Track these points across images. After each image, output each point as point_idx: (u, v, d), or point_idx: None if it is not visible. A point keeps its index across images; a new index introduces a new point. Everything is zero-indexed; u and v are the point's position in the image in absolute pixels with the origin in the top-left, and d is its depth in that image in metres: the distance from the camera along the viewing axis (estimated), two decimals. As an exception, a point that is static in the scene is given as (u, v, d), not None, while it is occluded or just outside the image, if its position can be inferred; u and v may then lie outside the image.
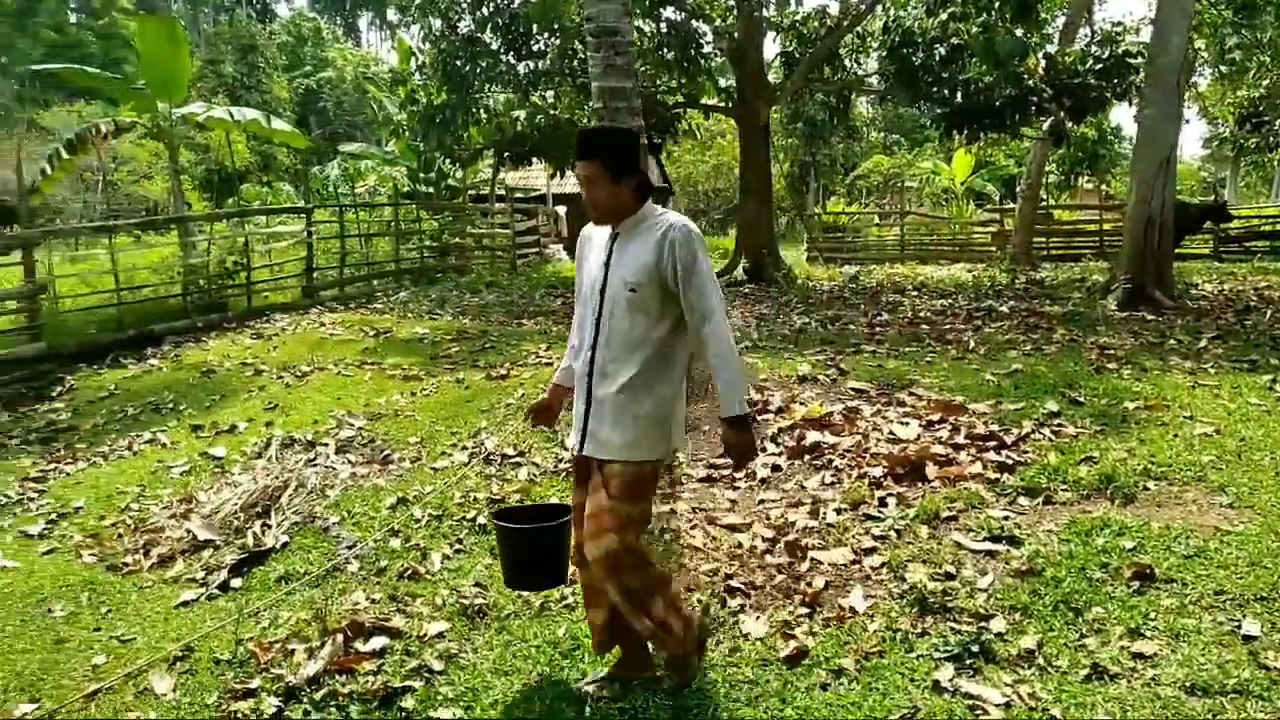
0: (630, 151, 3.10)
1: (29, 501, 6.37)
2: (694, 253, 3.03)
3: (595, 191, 3.08)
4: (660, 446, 3.18)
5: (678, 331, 3.13)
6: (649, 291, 3.05)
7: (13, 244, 10.43)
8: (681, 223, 3.08)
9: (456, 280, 15.70)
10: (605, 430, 3.14)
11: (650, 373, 3.11)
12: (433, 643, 3.93)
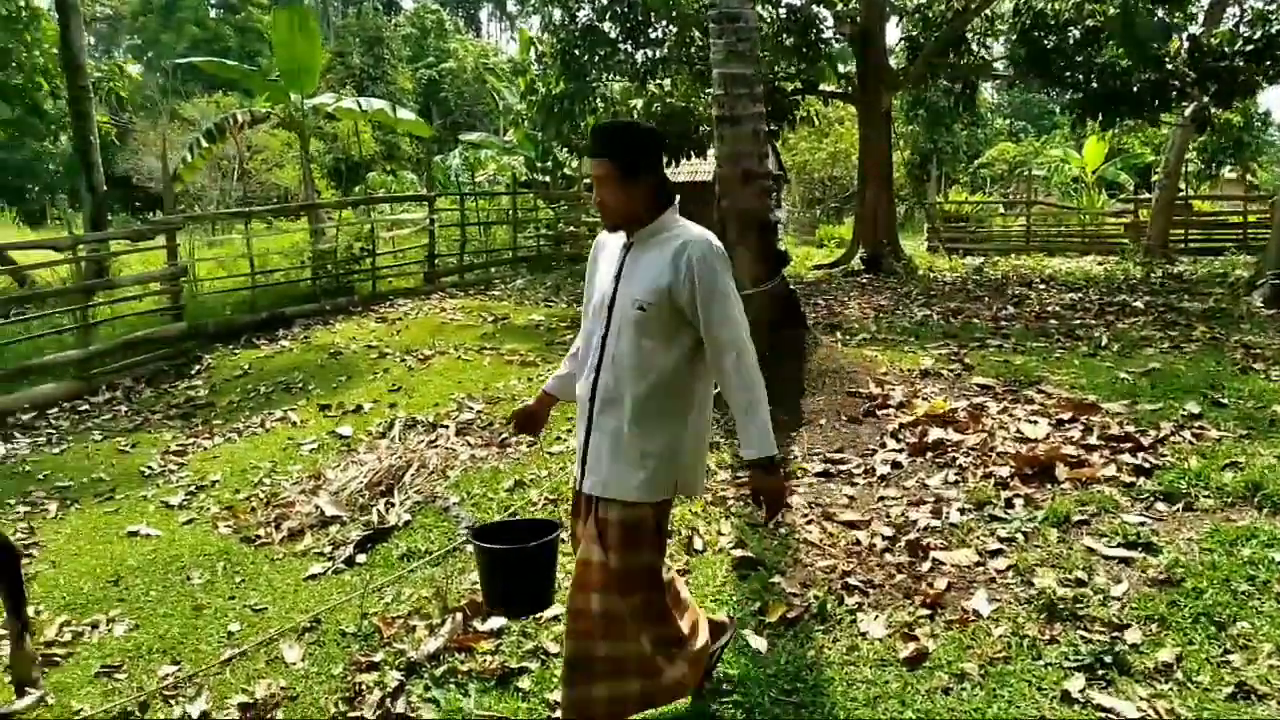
0: (646, 150, 2.76)
1: (170, 473, 6.73)
2: (715, 273, 2.67)
3: (603, 191, 2.75)
4: (666, 487, 2.81)
5: (694, 360, 2.77)
6: (660, 313, 2.70)
7: (157, 229, 11.01)
8: (703, 237, 2.72)
9: (571, 268, 15.87)
10: (605, 465, 2.79)
11: (659, 404, 2.75)
12: (548, 625, 3.97)
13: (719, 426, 6.05)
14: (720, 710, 3.32)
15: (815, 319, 9.35)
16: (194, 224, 13.37)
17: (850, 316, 10.81)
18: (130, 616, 4.45)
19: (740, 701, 3.34)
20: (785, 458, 5.59)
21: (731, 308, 2.70)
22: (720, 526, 4.74)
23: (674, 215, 2.81)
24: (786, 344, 6.52)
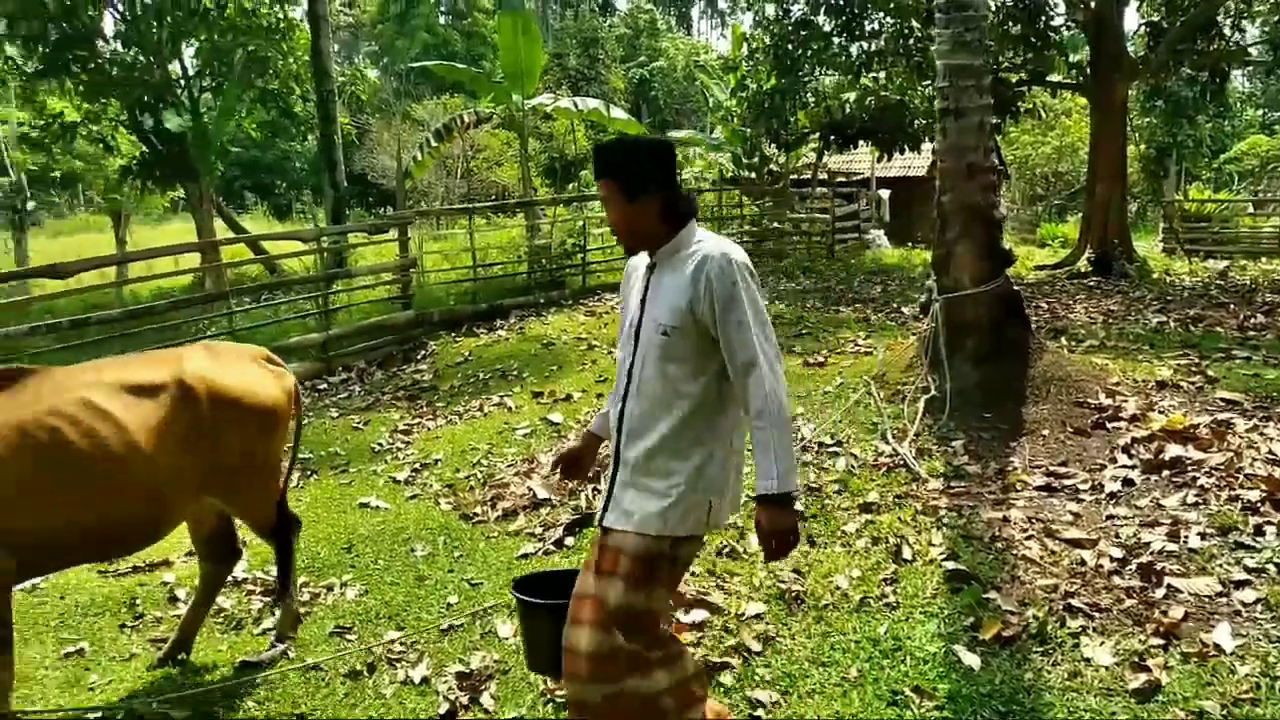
0: (648, 168, 2.58)
1: (397, 451, 7.21)
2: (733, 286, 2.47)
3: (610, 213, 2.63)
4: (689, 521, 2.59)
5: (725, 386, 2.58)
6: (684, 335, 2.53)
7: (391, 223, 11.81)
8: (720, 251, 2.51)
9: (773, 265, 15.75)
10: (629, 497, 2.61)
11: (687, 433, 2.57)
12: (750, 623, 3.97)
13: (930, 433, 5.85)
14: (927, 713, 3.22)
15: (1038, 323, 8.84)
16: (422, 219, 14.23)
17: (1076, 321, 10.15)
18: (360, 582, 4.79)
19: (949, 718, 3.22)
20: (1003, 468, 5.32)
21: (750, 322, 2.47)
22: (931, 536, 4.58)
23: (693, 230, 2.63)
24: (1008, 347, 6.21)
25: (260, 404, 3.75)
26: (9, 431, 3.16)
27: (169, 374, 3.58)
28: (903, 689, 3.42)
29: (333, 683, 3.78)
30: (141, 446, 3.38)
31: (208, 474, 3.62)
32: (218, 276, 11.36)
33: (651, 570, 2.57)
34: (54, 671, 3.97)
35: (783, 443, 2.46)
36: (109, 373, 3.54)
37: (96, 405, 3.34)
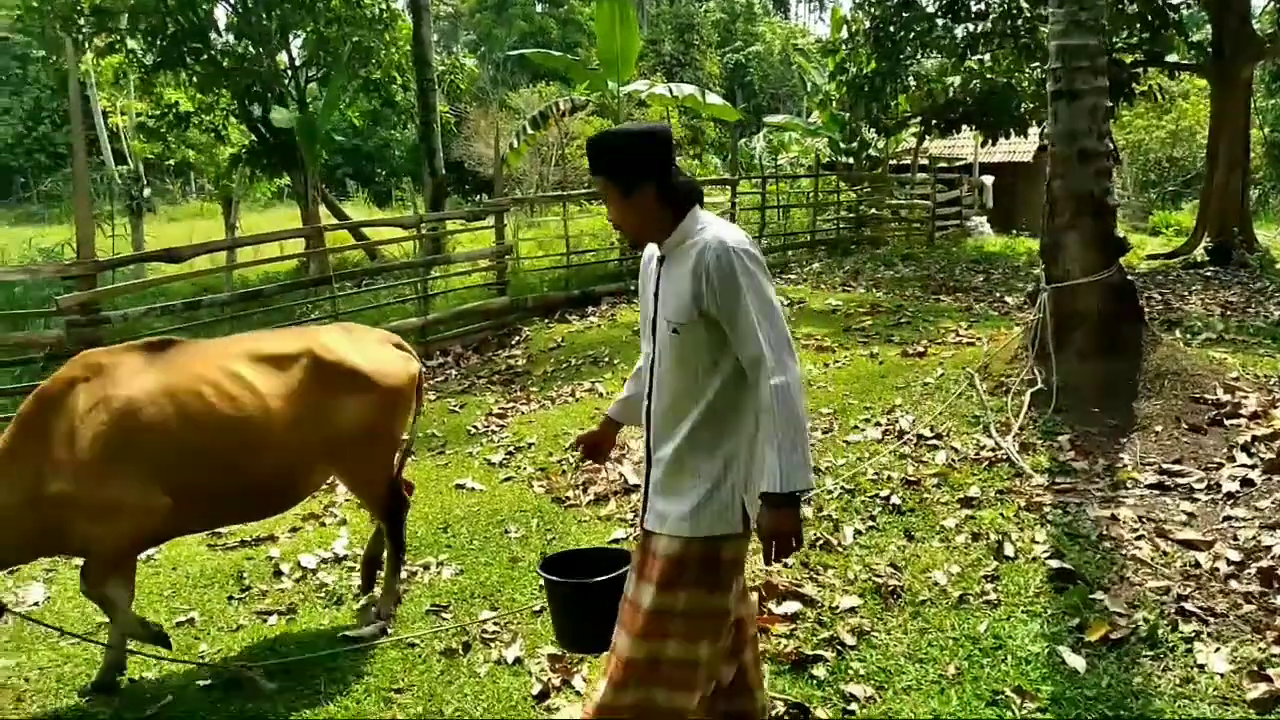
0: (638, 159, 2.46)
1: (492, 434, 7.31)
2: (733, 275, 2.34)
3: (610, 209, 2.55)
4: (721, 522, 2.47)
5: (743, 380, 2.46)
6: (694, 331, 2.42)
7: (488, 210, 11.96)
8: (718, 239, 2.38)
9: (871, 252, 15.48)
10: (661, 498, 2.54)
11: (711, 429, 2.48)
12: (844, 616, 3.90)
13: (1035, 428, 5.65)
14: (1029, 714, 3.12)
15: (1151, 314, 8.46)
16: (517, 206, 14.39)
17: (1192, 313, 9.70)
18: (456, 562, 4.88)
19: None
20: (1112, 465, 5.11)
21: (754, 313, 2.34)
22: (1035, 534, 4.43)
23: (696, 217, 2.49)
24: (1120, 340, 5.95)
25: (385, 382, 3.95)
26: (162, 395, 3.51)
27: (302, 347, 3.85)
28: (1003, 689, 3.33)
29: (429, 659, 3.86)
30: (276, 412, 3.66)
31: (330, 443, 3.84)
32: (321, 262, 11.68)
33: (680, 573, 2.47)
34: (168, 638, 4.15)
35: (789, 438, 2.30)
36: (248, 344, 3.87)
37: (238, 373, 3.65)
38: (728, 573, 2.53)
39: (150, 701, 3.61)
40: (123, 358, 3.60)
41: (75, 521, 3.41)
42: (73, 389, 3.47)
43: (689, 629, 2.49)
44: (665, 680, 2.50)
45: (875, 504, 4.93)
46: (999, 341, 7.26)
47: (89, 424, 3.40)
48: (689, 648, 2.50)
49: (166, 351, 3.68)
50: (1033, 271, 12.58)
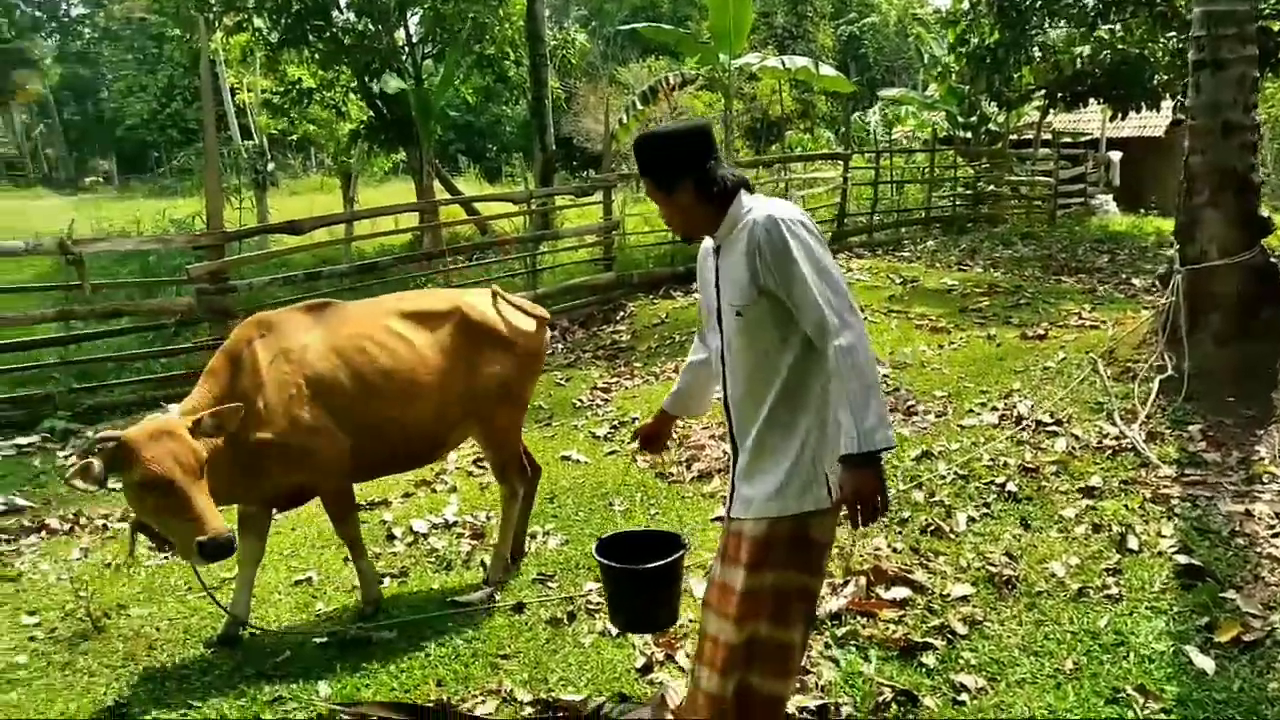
0: (675, 156, 2.49)
1: (597, 407, 7.36)
2: (785, 246, 2.33)
3: (660, 209, 2.61)
4: (807, 498, 2.44)
5: (814, 351, 2.42)
6: (758, 311, 2.42)
7: (597, 185, 12.00)
8: (765, 214, 2.38)
9: (988, 230, 14.96)
10: (746, 484, 2.54)
11: (789, 406, 2.46)
12: (955, 605, 3.80)
13: (1163, 416, 5.38)
14: None
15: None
16: (624, 182, 14.39)
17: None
18: (561, 532, 4.93)
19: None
20: (1247, 458, 4.82)
21: (810, 282, 2.31)
22: (1161, 527, 4.22)
23: (741, 204, 2.48)
24: (1261, 325, 5.59)
25: (521, 344, 4.21)
26: (330, 348, 3.81)
27: (450, 306, 4.14)
28: (1124, 687, 3.19)
29: (535, 628, 3.92)
30: (428, 366, 3.96)
31: (473, 399, 4.09)
32: (434, 236, 11.94)
33: (768, 554, 2.47)
34: (286, 597, 4.32)
35: (863, 396, 2.26)
36: (401, 303, 4.15)
37: (394, 329, 3.95)
38: (818, 553, 2.52)
39: (269, 656, 3.76)
40: (291, 316, 3.89)
41: (280, 465, 3.70)
42: (251, 345, 3.73)
43: (779, 611, 2.48)
44: (760, 665, 2.49)
45: (990, 491, 4.78)
46: (1126, 325, 6.92)
47: (273, 374, 3.68)
48: (782, 631, 2.49)
49: (326, 311, 3.96)
50: (1162, 252, 11.96)
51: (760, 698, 2.50)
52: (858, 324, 2.32)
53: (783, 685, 2.53)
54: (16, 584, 4.58)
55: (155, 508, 3.24)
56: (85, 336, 7.80)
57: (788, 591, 2.48)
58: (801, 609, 2.51)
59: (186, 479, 3.21)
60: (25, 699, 3.51)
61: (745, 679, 2.48)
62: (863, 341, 2.30)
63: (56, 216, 15.42)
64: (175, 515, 3.21)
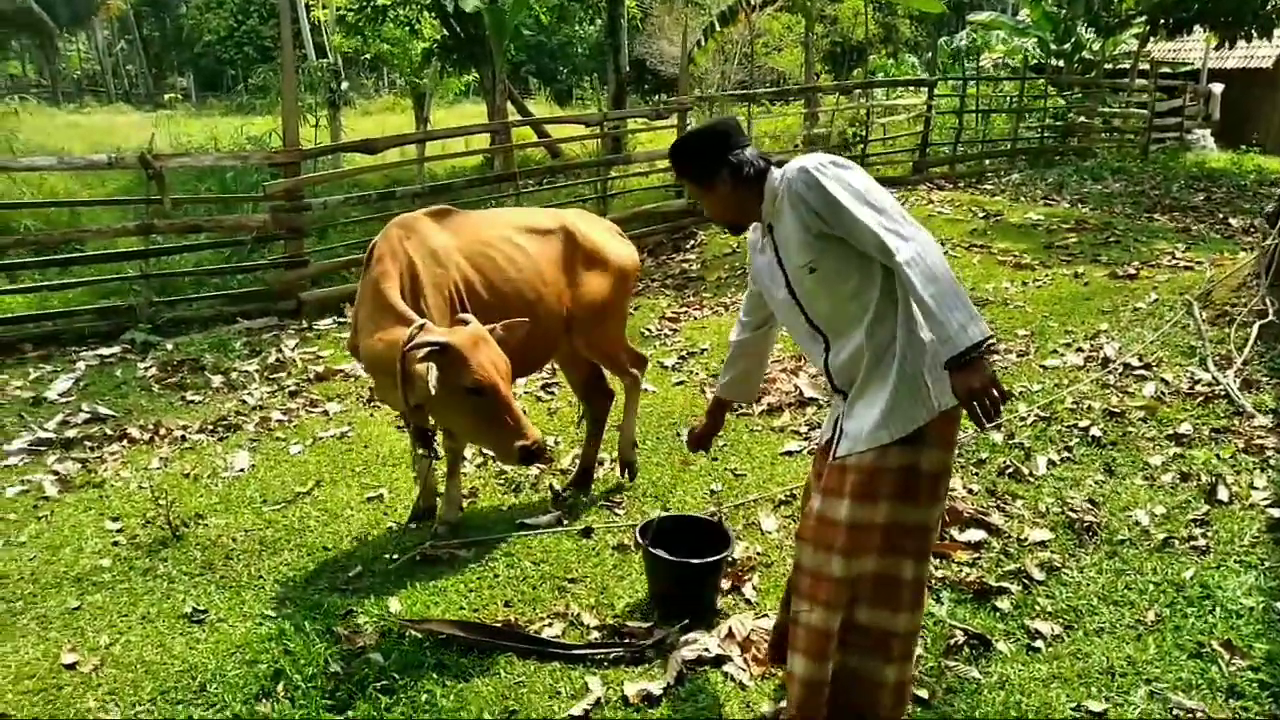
0: (703, 153, 2.58)
1: (665, 337, 7.29)
2: (821, 187, 2.37)
3: (706, 208, 2.72)
4: (911, 415, 2.42)
5: (890, 275, 2.41)
6: (826, 260, 2.44)
7: (671, 108, 11.74)
8: (795, 168, 2.44)
9: (1077, 164, 14.32)
10: (852, 421, 2.51)
11: (880, 335, 2.46)
12: (1033, 550, 3.70)
13: (1261, 363, 5.12)
14: (1240, 681, 2.87)
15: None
16: (700, 105, 14.07)
17: None
18: (629, 460, 4.91)
19: (1267, 681, 2.86)
20: None
21: (855, 212, 2.33)
22: (1254, 478, 4.04)
23: (774, 176, 2.54)
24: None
25: (619, 263, 4.36)
26: (463, 256, 3.86)
27: (558, 223, 4.26)
28: (1209, 642, 3.08)
29: (601, 553, 3.92)
30: (543, 276, 4.07)
31: (576, 311, 4.21)
32: (505, 158, 11.84)
33: (876, 484, 2.45)
34: (358, 513, 4.39)
35: (939, 300, 2.22)
36: (515, 216, 4.33)
37: (514, 241, 4.05)
38: (929, 485, 2.47)
39: (341, 570, 3.83)
40: (424, 220, 3.89)
41: None
42: (405, 246, 3.72)
43: (887, 545, 2.47)
44: (868, 600, 2.51)
45: (1073, 434, 4.62)
46: (1224, 267, 6.59)
47: (429, 276, 3.71)
48: (890, 564, 2.49)
49: (451, 218, 4.00)
50: (1263, 191, 11.36)
51: (871, 632, 2.53)
52: (916, 234, 2.31)
53: (891, 620, 2.52)
54: (101, 490, 4.72)
55: (475, 413, 3.33)
56: (165, 251, 7.94)
57: (897, 525, 2.46)
58: (911, 543, 2.49)
59: (505, 385, 3.33)
60: (109, 601, 3.64)
61: (852, 615, 2.52)
62: (926, 249, 2.27)
63: (137, 132, 15.69)
64: (496, 422, 3.32)
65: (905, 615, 2.52)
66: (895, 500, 2.45)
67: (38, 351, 6.89)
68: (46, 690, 3.07)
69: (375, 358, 3.58)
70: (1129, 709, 2.83)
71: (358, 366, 6.68)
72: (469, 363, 3.26)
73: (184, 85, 41.43)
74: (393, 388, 3.49)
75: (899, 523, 2.47)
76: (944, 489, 2.54)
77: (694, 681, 3.04)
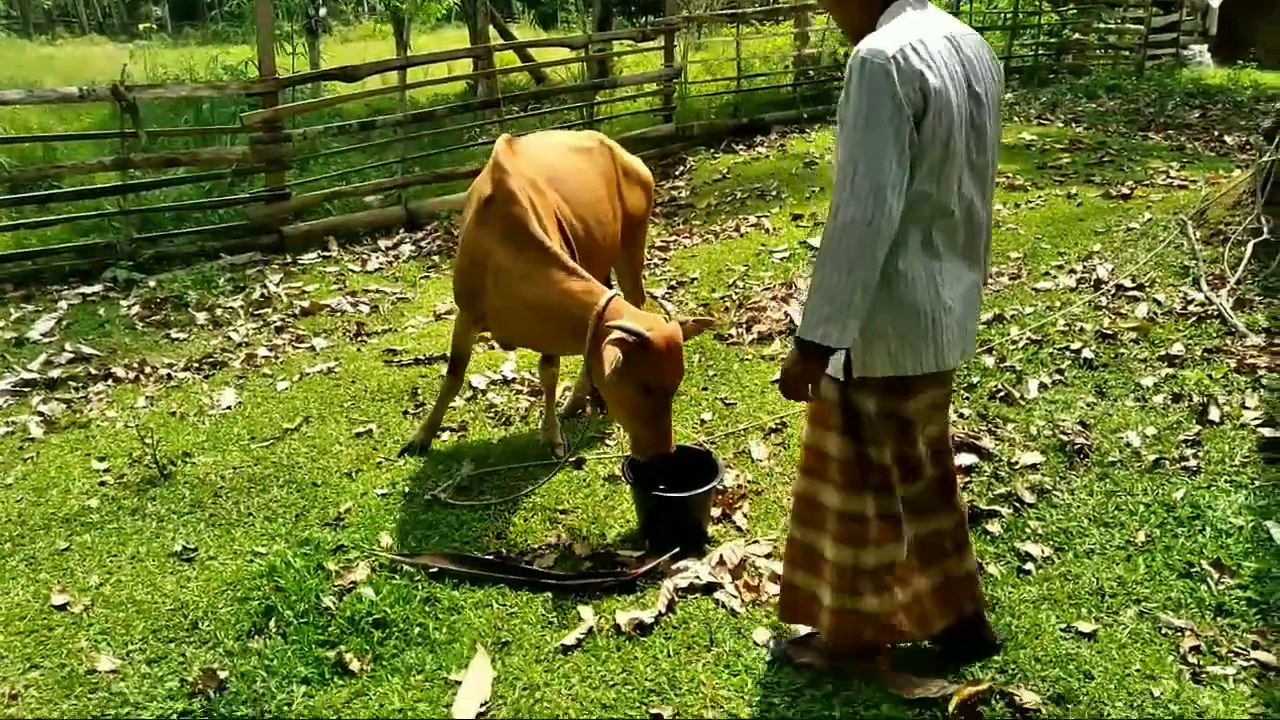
0: None
1: (654, 267, 7.20)
2: (848, 89, 2.13)
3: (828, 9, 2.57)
4: (861, 363, 2.36)
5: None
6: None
7: (658, 29, 11.44)
8: (866, 45, 2.11)
9: (1071, 82, 14.06)
10: None
11: None
12: (1024, 473, 3.70)
13: (1255, 282, 5.08)
14: (1228, 599, 2.89)
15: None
16: (687, 26, 13.74)
17: None
18: (619, 391, 4.88)
19: (1255, 599, 2.89)
20: None
21: (849, 138, 2.11)
22: (1245, 398, 4.03)
23: (890, 16, 2.24)
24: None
25: (646, 179, 4.55)
26: (546, 182, 3.78)
27: (594, 140, 4.38)
28: (1199, 561, 3.10)
29: (593, 484, 3.92)
30: (604, 194, 4.15)
31: (623, 227, 4.30)
32: (489, 84, 11.57)
33: (828, 416, 2.47)
34: (347, 448, 4.36)
35: (822, 282, 2.15)
36: (563, 138, 4.42)
37: (572, 163, 4.08)
38: (882, 425, 2.45)
39: (331, 506, 3.81)
40: (509, 155, 3.69)
41: None
42: (514, 182, 3.56)
43: (836, 473, 2.52)
44: (826, 526, 2.53)
45: (1064, 357, 4.59)
46: (1219, 185, 6.51)
47: (542, 207, 3.64)
48: (847, 497, 2.50)
49: (519, 146, 3.89)
50: (1259, 108, 11.20)
51: (825, 559, 2.54)
52: (854, 211, 2.09)
53: (847, 552, 2.49)
54: (86, 430, 4.69)
55: (636, 406, 3.25)
56: (144, 185, 7.77)
57: (831, 455, 2.48)
58: (862, 475, 2.45)
59: (672, 395, 3.33)
60: (98, 541, 3.62)
61: (806, 536, 2.59)
62: (854, 221, 2.09)
63: (112, 64, 15.27)
64: (651, 423, 3.25)
65: (861, 550, 2.50)
66: (841, 434, 2.47)
67: (18, 291, 6.78)
68: (37, 631, 3.07)
69: (544, 305, 3.44)
70: (1118, 629, 2.85)
71: (343, 301, 6.61)
72: (659, 368, 3.16)
73: (159, 15, 40.29)
74: (551, 334, 3.55)
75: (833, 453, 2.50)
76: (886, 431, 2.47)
77: (685, 609, 3.05)
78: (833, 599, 2.53)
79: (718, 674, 2.76)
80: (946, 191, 2.24)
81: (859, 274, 2.12)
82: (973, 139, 2.26)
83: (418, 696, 2.72)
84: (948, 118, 2.15)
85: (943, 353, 2.36)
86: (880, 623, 2.52)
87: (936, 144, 2.16)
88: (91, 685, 2.82)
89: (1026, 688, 2.62)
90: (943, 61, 2.15)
